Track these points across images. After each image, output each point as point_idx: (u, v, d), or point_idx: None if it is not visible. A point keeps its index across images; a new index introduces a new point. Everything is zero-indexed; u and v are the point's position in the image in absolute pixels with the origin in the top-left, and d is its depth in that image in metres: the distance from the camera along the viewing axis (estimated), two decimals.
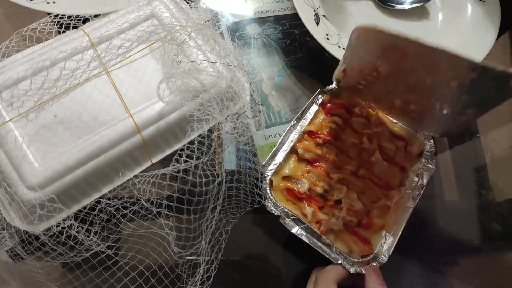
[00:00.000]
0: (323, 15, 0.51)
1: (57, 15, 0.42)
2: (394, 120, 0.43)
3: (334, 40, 0.48)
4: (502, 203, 0.49)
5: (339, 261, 0.36)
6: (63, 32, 0.41)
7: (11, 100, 0.35)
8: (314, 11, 0.50)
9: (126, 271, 0.34)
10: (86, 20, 0.43)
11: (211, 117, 0.39)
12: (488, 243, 0.48)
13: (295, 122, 0.42)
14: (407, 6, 0.55)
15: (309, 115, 0.43)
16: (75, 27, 0.41)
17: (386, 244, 0.37)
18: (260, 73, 0.52)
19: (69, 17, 0.42)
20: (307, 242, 0.36)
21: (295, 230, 0.37)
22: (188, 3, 0.47)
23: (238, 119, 0.41)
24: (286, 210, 0.38)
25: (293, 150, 0.41)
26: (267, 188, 0.39)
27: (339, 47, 0.48)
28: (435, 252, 0.46)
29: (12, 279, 0.32)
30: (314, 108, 0.43)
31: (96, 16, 0.43)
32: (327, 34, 0.48)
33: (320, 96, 0.44)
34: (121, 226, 0.36)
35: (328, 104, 0.44)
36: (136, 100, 0.40)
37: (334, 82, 0.43)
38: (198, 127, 0.39)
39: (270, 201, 0.38)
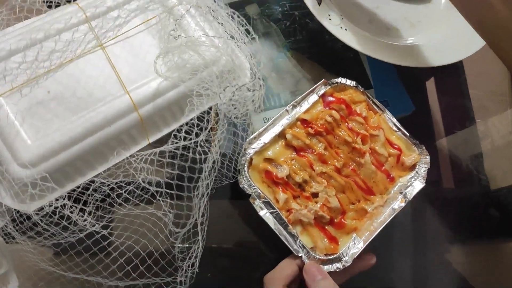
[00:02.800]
0: None
1: None
2: (394, 128, 0.41)
3: (336, 21, 0.45)
4: (500, 190, 0.49)
5: (300, 254, 0.35)
6: (56, 7, 0.37)
7: (4, 73, 0.32)
8: None
9: (121, 252, 0.34)
10: None
11: (211, 92, 0.37)
12: (484, 232, 0.48)
13: (290, 107, 0.40)
14: None
15: (306, 104, 0.40)
16: (68, 1, 0.37)
17: (353, 248, 0.36)
18: (260, 55, 0.48)
19: None
20: (272, 227, 0.36)
21: (263, 213, 0.36)
22: None
23: (237, 90, 0.39)
24: (259, 191, 0.36)
25: (281, 135, 0.39)
26: (245, 164, 0.37)
27: (341, 27, 0.44)
28: (427, 241, 0.46)
29: (3, 259, 0.32)
30: (314, 98, 0.41)
31: None
32: (329, 15, 0.44)
33: (323, 87, 0.41)
34: (116, 206, 0.35)
35: (330, 97, 0.41)
36: (132, 77, 0.38)
37: None
38: (198, 105, 0.37)
39: (245, 178, 0.37)
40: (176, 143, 0.33)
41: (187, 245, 0.39)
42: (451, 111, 0.54)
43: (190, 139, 0.35)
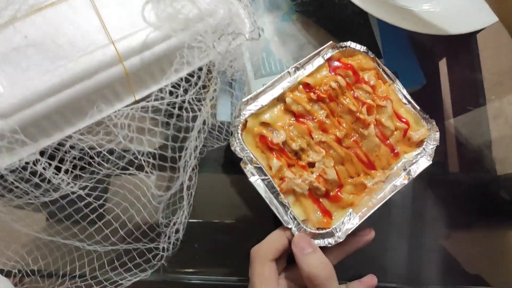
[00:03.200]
0: None
1: None
2: (404, 100, 0.38)
3: None
4: (509, 176, 0.46)
5: (290, 226, 0.32)
6: None
7: None
8: None
9: (100, 215, 0.32)
10: None
11: (205, 45, 0.33)
12: (489, 219, 0.46)
13: (293, 70, 0.36)
14: None
15: (311, 67, 0.37)
16: None
17: (348, 224, 0.33)
18: (262, 17, 0.44)
19: None
20: (263, 195, 0.33)
21: (254, 179, 0.33)
22: None
23: (234, 40, 0.35)
24: (252, 156, 0.34)
25: (281, 98, 0.36)
26: (239, 126, 0.34)
27: None
28: (426, 224, 0.44)
29: None
30: (319, 61, 0.37)
31: None
32: None
33: (329, 50, 0.38)
34: (95, 166, 0.32)
35: (336, 62, 0.38)
36: (119, 26, 0.34)
37: None
38: (190, 60, 0.33)
39: (237, 141, 0.34)
40: (162, 98, 0.30)
41: (172, 210, 0.37)
42: (462, 89, 0.51)
43: (178, 95, 0.32)
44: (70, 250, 0.34)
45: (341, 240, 0.33)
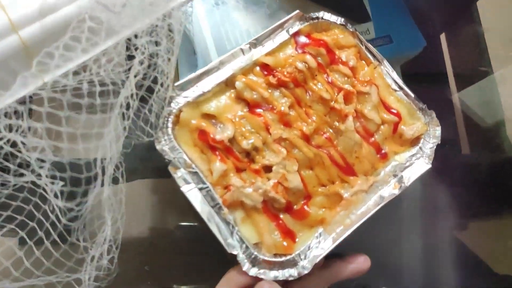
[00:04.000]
0: None
1: None
2: (394, 86, 0.29)
3: None
4: None
5: (235, 252, 0.23)
6: None
7: None
8: None
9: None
10: None
11: (130, 8, 0.25)
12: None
13: (247, 46, 0.28)
14: None
15: (271, 43, 0.29)
16: None
17: (316, 249, 0.24)
18: None
19: None
20: (198, 210, 0.24)
21: (187, 188, 0.24)
22: None
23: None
24: (186, 157, 0.25)
25: (231, 82, 0.27)
26: (170, 118, 0.26)
27: None
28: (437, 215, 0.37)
29: None
30: (283, 36, 0.29)
31: None
32: None
33: (296, 22, 0.29)
34: None
35: (305, 38, 0.29)
36: None
37: None
38: (111, 27, 0.25)
39: (166, 138, 0.25)
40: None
41: (98, 226, 0.28)
42: (464, 59, 0.44)
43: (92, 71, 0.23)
44: None
45: (306, 272, 0.24)
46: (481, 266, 0.36)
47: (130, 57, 0.24)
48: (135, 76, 0.24)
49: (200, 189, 0.24)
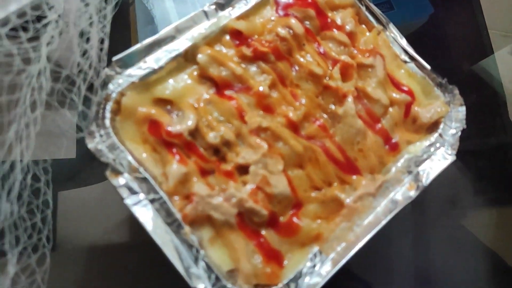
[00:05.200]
0: None
1: None
2: (403, 56, 0.23)
3: None
4: None
5: (201, 286, 0.17)
6: None
7: None
8: None
9: None
10: None
11: None
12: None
13: (212, 8, 0.21)
14: None
15: (243, 5, 0.22)
16: None
17: (311, 275, 0.18)
18: None
19: None
20: (148, 230, 0.18)
21: (132, 200, 0.18)
22: None
23: None
24: (131, 159, 0.18)
25: (190, 56, 0.21)
26: (106, 106, 0.19)
27: None
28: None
29: None
30: None
31: None
32: None
33: None
34: None
35: None
36: None
37: None
38: None
39: (102, 131, 0.19)
40: None
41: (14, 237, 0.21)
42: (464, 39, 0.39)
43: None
44: None
45: None
46: (499, 261, 0.32)
47: (40, 19, 0.17)
48: (47, 45, 0.17)
49: (152, 201, 0.18)
